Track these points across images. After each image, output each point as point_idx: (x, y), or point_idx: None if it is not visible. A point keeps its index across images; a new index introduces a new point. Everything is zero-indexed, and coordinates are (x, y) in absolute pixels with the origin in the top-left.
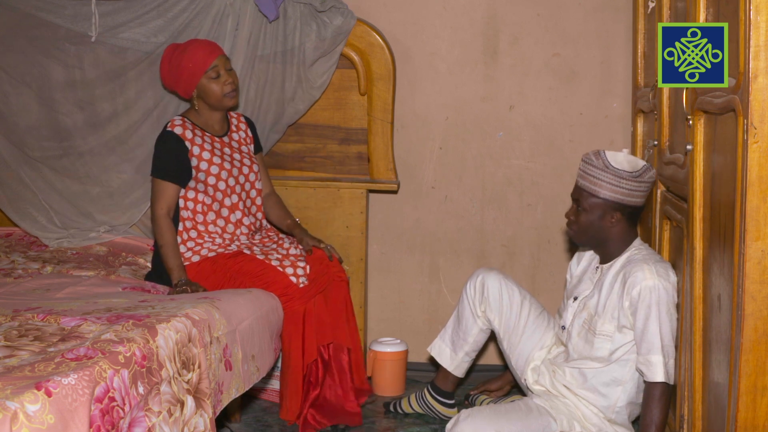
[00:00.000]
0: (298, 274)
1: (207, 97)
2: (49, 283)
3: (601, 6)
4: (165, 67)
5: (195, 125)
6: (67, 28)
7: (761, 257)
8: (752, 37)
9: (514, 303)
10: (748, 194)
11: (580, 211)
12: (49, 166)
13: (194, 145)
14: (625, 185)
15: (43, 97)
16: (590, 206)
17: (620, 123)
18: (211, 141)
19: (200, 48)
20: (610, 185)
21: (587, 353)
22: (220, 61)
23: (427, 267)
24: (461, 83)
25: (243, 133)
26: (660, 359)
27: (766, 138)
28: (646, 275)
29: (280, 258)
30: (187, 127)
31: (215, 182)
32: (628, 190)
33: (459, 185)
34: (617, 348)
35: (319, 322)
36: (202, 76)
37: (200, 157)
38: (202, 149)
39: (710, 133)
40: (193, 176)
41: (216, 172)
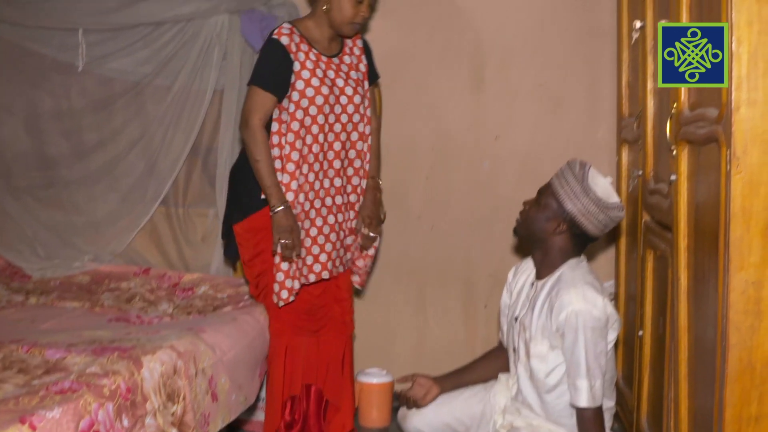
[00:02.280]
0: (288, 287)
1: (333, 11)
2: (34, 314)
3: (586, 35)
4: None
5: (303, 37)
6: (55, 58)
7: (745, 287)
8: (734, 68)
9: (456, 410)
10: (732, 224)
11: (535, 204)
12: (34, 196)
13: (297, 60)
14: (587, 205)
15: (30, 127)
16: (546, 204)
17: (606, 152)
18: (316, 59)
19: None
20: (574, 197)
21: (528, 378)
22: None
23: (413, 297)
24: (447, 112)
25: (356, 58)
26: (585, 383)
27: (749, 169)
28: (572, 299)
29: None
30: (293, 39)
31: (307, 105)
32: (586, 211)
33: (446, 214)
34: (552, 369)
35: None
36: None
37: (299, 75)
38: (303, 66)
39: (694, 164)
40: (288, 94)
41: (312, 95)
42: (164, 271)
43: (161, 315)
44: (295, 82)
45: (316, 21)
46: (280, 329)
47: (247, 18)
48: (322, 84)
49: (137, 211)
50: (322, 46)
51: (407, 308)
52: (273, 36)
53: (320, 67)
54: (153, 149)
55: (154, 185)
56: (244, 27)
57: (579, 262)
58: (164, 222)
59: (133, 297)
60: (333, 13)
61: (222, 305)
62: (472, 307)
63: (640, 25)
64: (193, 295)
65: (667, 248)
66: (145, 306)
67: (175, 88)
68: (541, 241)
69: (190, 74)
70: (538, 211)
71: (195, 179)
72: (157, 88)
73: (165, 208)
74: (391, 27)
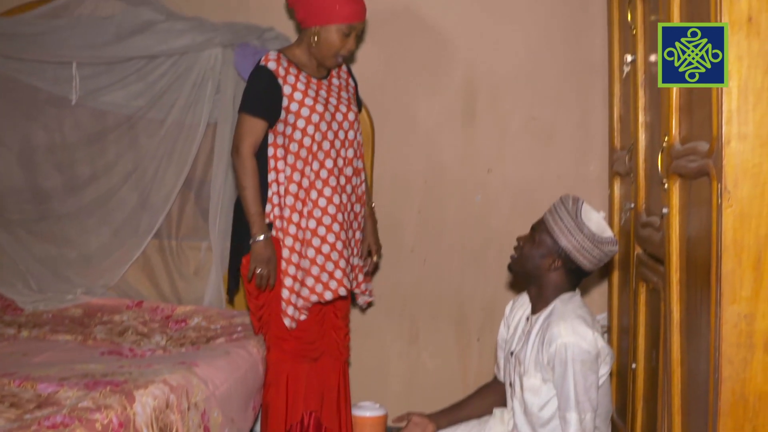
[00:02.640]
0: (297, 307)
1: (320, 43)
2: (26, 347)
3: (578, 69)
4: None
5: (291, 62)
6: (48, 91)
7: (737, 320)
8: (724, 102)
9: None
10: (724, 258)
11: (529, 241)
12: (27, 229)
13: (286, 83)
14: (581, 241)
15: (23, 160)
16: (540, 241)
17: (598, 185)
18: (307, 80)
19: (356, 2)
20: (568, 233)
21: (523, 412)
22: (359, 26)
23: (406, 330)
24: (440, 146)
25: (344, 81)
26: (575, 416)
27: (740, 202)
28: (561, 332)
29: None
30: (281, 64)
31: (304, 125)
32: (580, 246)
33: (438, 248)
34: (545, 403)
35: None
36: (338, 23)
37: (291, 97)
38: (294, 88)
39: (685, 197)
40: (281, 118)
41: (307, 115)
42: (157, 304)
43: (154, 348)
44: (289, 104)
45: (303, 48)
46: (280, 358)
47: (241, 51)
48: (316, 102)
49: (130, 245)
50: (310, 70)
51: (400, 341)
52: (260, 63)
53: (311, 87)
54: (146, 182)
55: (146, 218)
56: (237, 60)
57: (572, 296)
58: (157, 255)
59: (126, 330)
60: (320, 45)
61: (215, 336)
62: (465, 341)
63: (631, 59)
64: (187, 327)
65: (660, 281)
66: (137, 339)
67: (168, 121)
68: (536, 278)
69: (183, 107)
70: (532, 248)
71: (188, 212)
72: (150, 122)
73: (158, 241)
74: (383, 60)
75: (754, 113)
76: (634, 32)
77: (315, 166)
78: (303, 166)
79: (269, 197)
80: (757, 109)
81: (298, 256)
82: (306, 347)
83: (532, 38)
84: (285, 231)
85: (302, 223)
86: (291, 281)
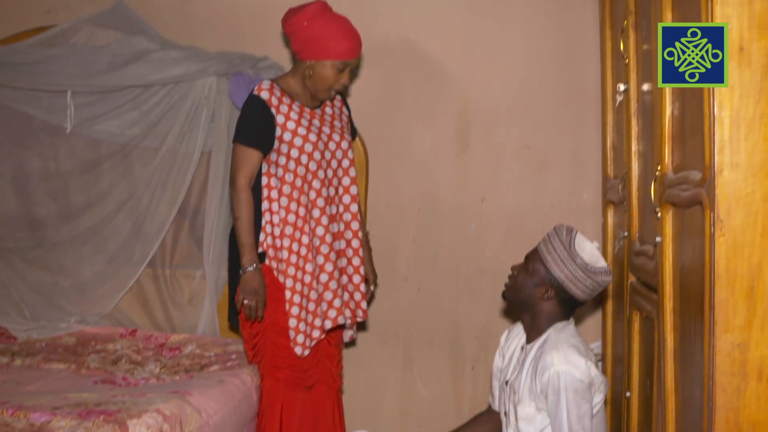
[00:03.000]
0: (307, 335)
1: (314, 77)
2: (19, 376)
3: (571, 98)
4: (308, 16)
5: (284, 92)
6: (43, 120)
7: (731, 349)
8: (717, 131)
9: None
10: (717, 287)
11: (523, 270)
12: (21, 257)
13: (279, 113)
14: (573, 271)
15: (18, 188)
16: (533, 270)
17: (591, 213)
18: (300, 110)
19: (352, 39)
20: (561, 263)
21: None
22: (354, 62)
23: (400, 358)
24: (434, 174)
25: (337, 109)
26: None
27: (733, 231)
28: (554, 361)
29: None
30: (274, 93)
31: (297, 155)
32: (573, 277)
33: (432, 276)
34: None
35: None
36: (333, 60)
37: (285, 127)
38: (287, 118)
39: (678, 226)
40: (275, 147)
41: (300, 144)
42: (151, 332)
43: (148, 376)
44: (282, 134)
45: (297, 78)
46: (274, 386)
47: (235, 80)
48: (309, 132)
49: (124, 273)
50: (303, 100)
51: (394, 369)
52: (253, 93)
53: (305, 117)
54: (140, 211)
55: (141, 247)
56: (231, 89)
57: (566, 325)
58: (151, 283)
59: (120, 359)
60: (314, 78)
61: (209, 364)
62: (460, 369)
63: (624, 88)
64: (180, 354)
65: (653, 310)
66: (131, 368)
67: (162, 150)
68: (529, 307)
69: (177, 136)
70: (526, 277)
71: (182, 241)
72: (144, 150)
73: (152, 270)
74: (377, 89)
75: (746, 142)
76: (627, 61)
77: (311, 195)
78: (299, 195)
79: (263, 226)
80: (749, 139)
81: (302, 285)
82: (300, 375)
83: (525, 67)
84: (287, 261)
85: (302, 251)
86: (298, 310)
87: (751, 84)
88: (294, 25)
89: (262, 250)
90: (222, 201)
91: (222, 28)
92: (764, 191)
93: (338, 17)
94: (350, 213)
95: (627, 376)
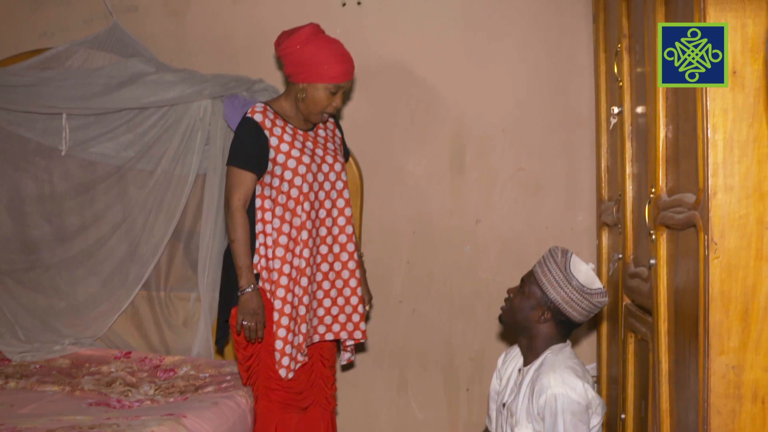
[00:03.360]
0: (293, 358)
1: (307, 100)
2: (13, 398)
3: (565, 121)
4: (301, 39)
5: (277, 114)
6: (38, 142)
7: (725, 372)
8: (710, 155)
9: None
10: (711, 309)
11: (519, 293)
12: (15, 279)
13: (273, 135)
14: (570, 293)
15: (13, 210)
16: (530, 293)
17: (586, 236)
18: (293, 132)
19: (344, 62)
20: (557, 285)
21: None
22: (347, 85)
23: (395, 380)
24: (428, 197)
25: (330, 132)
26: None
27: (727, 253)
28: (551, 383)
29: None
30: (267, 116)
31: (291, 177)
32: (569, 299)
33: (427, 299)
34: None
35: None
36: (325, 83)
37: (278, 149)
38: (281, 140)
39: (673, 248)
40: (269, 169)
41: (294, 166)
42: (145, 354)
43: (142, 398)
44: (276, 156)
45: (290, 101)
46: (269, 408)
47: (230, 103)
48: (302, 154)
49: (118, 295)
50: (296, 122)
51: (389, 391)
52: (246, 115)
53: (298, 139)
54: (135, 233)
55: (135, 269)
56: (226, 112)
57: (563, 347)
58: (146, 305)
59: (114, 381)
60: (307, 101)
61: (204, 385)
62: (454, 391)
63: (618, 111)
64: (175, 376)
65: (648, 332)
66: (125, 390)
67: (157, 172)
68: (526, 329)
69: (172, 159)
70: (522, 300)
71: (177, 263)
72: (139, 173)
73: (146, 292)
74: (372, 111)
75: (739, 165)
76: (621, 84)
77: (304, 218)
78: (291, 217)
79: (256, 248)
80: (743, 161)
81: (291, 307)
82: (294, 397)
83: (520, 90)
84: (276, 283)
85: (293, 274)
86: (285, 332)
87: (744, 107)
88: (287, 49)
89: (256, 271)
90: (217, 224)
91: (217, 51)
92: (758, 214)
93: (331, 40)
94: (346, 235)
95: (622, 398)
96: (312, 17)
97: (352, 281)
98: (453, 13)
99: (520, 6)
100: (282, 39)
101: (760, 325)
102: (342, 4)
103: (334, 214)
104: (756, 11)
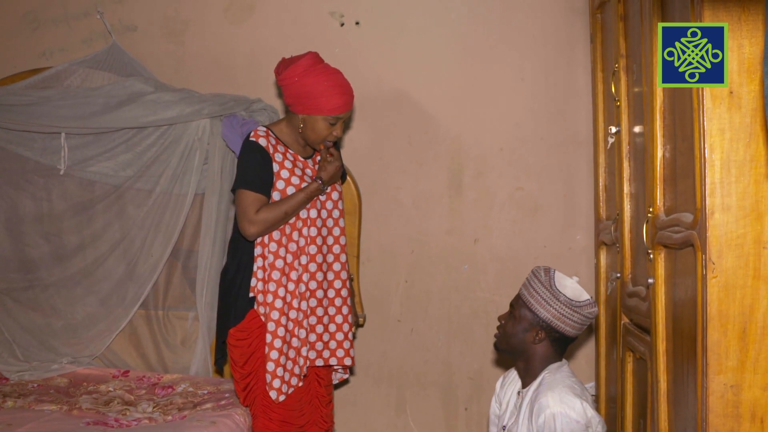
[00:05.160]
0: (284, 381)
1: (307, 129)
2: (11, 417)
3: (563, 141)
4: (299, 71)
5: (279, 140)
6: (37, 161)
7: (724, 391)
8: (707, 174)
9: None
10: (709, 328)
11: (510, 318)
12: (13, 298)
13: (274, 161)
14: (560, 309)
15: (11, 229)
16: (520, 316)
17: (584, 255)
18: (294, 159)
19: (343, 94)
20: (546, 303)
21: None
22: (346, 116)
23: (393, 400)
24: (426, 217)
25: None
26: None
27: (725, 273)
28: (549, 402)
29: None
30: (270, 141)
31: None
32: (560, 315)
33: (425, 318)
34: None
35: None
36: (324, 114)
37: (278, 175)
38: (281, 166)
39: (671, 267)
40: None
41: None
42: (143, 373)
43: (140, 417)
44: (276, 182)
45: (291, 128)
46: (267, 426)
47: (229, 122)
48: (301, 181)
49: (116, 314)
50: (296, 149)
51: (388, 411)
52: (250, 138)
53: (298, 166)
54: (133, 252)
55: (133, 288)
56: (225, 131)
57: (560, 366)
58: (144, 325)
59: (112, 400)
60: (306, 131)
61: (202, 402)
62: (453, 410)
63: (616, 130)
64: (173, 393)
65: (646, 351)
66: (123, 408)
67: (156, 191)
68: (522, 352)
69: (171, 178)
70: (515, 325)
71: (175, 282)
72: (138, 192)
73: (145, 311)
74: (371, 133)
75: (737, 185)
76: (618, 104)
77: (301, 243)
78: (287, 241)
79: (254, 271)
80: (740, 181)
81: (284, 330)
82: (292, 414)
83: (517, 110)
84: (271, 305)
85: (287, 297)
86: (277, 354)
87: (741, 127)
88: (286, 79)
89: (252, 295)
90: (215, 243)
91: (215, 71)
92: (755, 233)
93: (329, 71)
94: (340, 263)
95: (621, 416)
96: (310, 37)
97: (344, 309)
98: (451, 33)
99: (517, 27)
100: (281, 68)
101: (758, 344)
102: (340, 24)
103: (330, 242)
104: (752, 32)
